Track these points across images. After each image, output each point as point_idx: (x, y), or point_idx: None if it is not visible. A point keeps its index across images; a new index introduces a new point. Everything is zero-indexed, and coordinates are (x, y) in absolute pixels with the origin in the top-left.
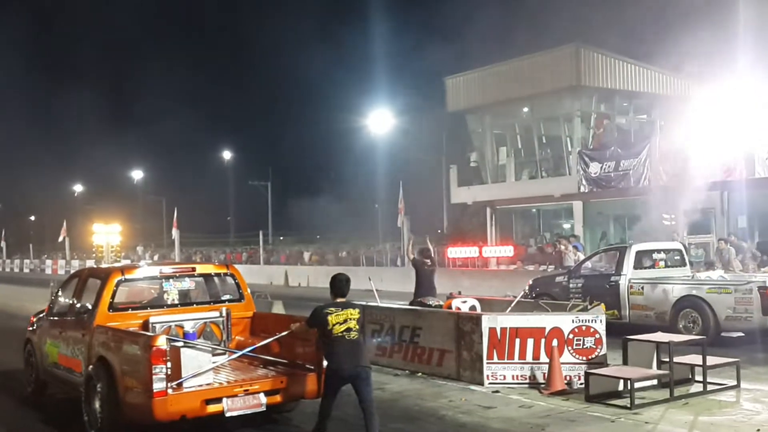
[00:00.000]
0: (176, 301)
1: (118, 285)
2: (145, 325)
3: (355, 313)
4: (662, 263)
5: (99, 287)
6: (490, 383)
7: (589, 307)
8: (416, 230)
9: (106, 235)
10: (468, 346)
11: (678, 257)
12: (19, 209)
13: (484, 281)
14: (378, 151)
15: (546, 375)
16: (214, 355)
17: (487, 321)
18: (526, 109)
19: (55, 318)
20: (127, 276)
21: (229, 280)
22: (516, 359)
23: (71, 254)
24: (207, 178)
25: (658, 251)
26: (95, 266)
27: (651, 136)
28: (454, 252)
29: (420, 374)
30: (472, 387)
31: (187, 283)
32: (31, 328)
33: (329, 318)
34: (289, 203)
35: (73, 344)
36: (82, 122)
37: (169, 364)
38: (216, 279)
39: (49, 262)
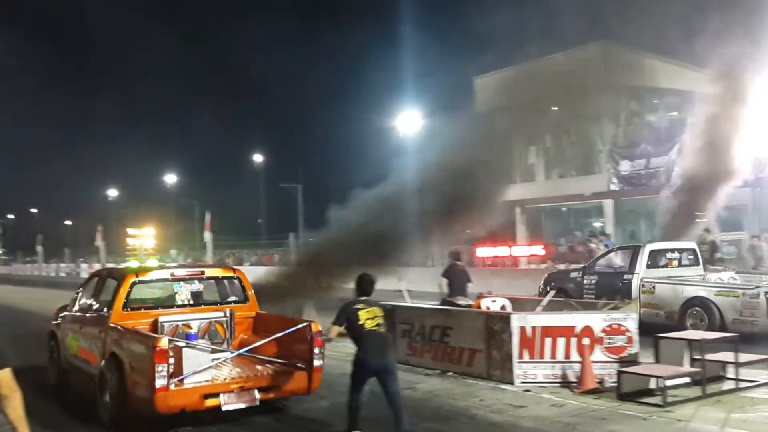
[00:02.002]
0: (185, 302)
1: (132, 286)
2: (155, 324)
3: (380, 311)
4: (675, 262)
5: (115, 287)
6: (521, 382)
7: (620, 305)
8: None
9: (141, 238)
10: (498, 346)
11: (692, 257)
12: (55, 214)
13: (514, 280)
14: (407, 152)
15: (577, 374)
16: (214, 352)
17: (517, 320)
18: (555, 108)
19: (77, 313)
20: (141, 278)
21: (236, 282)
22: (547, 358)
23: (106, 258)
24: (239, 181)
25: (672, 251)
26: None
27: (682, 133)
28: (484, 251)
29: (450, 374)
30: (503, 386)
31: (196, 285)
32: (55, 322)
33: (359, 313)
34: (319, 205)
35: (91, 339)
36: (116, 128)
37: (171, 361)
38: (224, 281)
39: (84, 265)
